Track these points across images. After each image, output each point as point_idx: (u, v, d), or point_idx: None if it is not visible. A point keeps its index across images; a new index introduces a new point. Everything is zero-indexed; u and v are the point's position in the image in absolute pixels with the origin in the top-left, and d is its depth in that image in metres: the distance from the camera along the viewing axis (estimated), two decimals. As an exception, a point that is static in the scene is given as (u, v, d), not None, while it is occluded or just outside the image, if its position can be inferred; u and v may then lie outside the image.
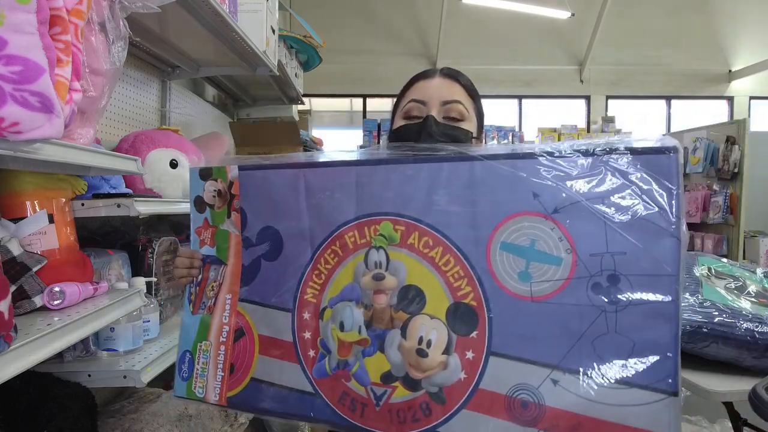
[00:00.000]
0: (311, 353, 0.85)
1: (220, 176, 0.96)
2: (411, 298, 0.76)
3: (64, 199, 1.13)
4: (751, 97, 7.83)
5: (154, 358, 1.29)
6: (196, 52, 2.22)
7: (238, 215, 0.94)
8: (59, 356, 1.19)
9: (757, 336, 1.53)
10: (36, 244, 1.04)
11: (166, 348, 1.38)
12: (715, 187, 3.84)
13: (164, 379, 1.83)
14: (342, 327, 0.82)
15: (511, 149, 0.70)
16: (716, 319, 1.56)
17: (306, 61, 3.39)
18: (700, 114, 7.64)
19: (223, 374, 0.93)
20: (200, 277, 0.98)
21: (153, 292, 1.52)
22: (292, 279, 0.88)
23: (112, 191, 1.31)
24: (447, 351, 0.72)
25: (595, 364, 0.64)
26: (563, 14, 6.53)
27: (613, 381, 0.63)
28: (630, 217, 0.64)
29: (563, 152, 0.66)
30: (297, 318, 0.87)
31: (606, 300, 0.64)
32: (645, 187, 0.64)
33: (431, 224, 0.74)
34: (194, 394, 0.94)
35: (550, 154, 0.67)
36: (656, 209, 0.64)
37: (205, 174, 0.98)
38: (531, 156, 0.68)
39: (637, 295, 0.63)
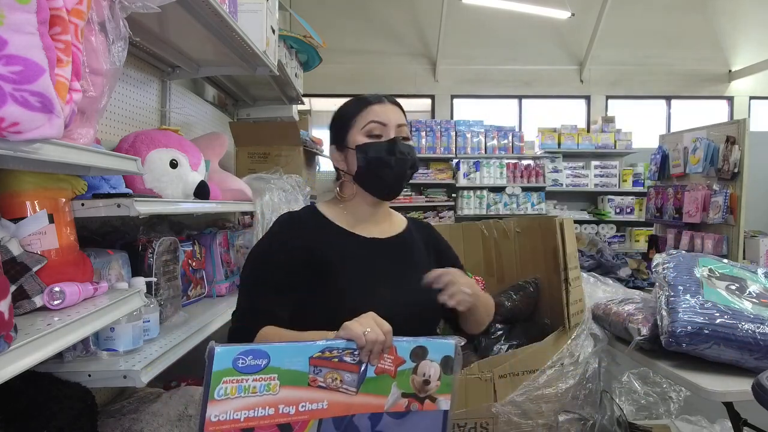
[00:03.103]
0: None
1: (444, 385, 0.98)
2: None
3: (64, 199, 1.13)
4: (751, 97, 7.82)
5: (154, 358, 1.29)
6: (196, 52, 2.22)
7: (402, 410, 0.96)
8: (59, 356, 1.19)
9: (759, 337, 1.53)
10: (36, 244, 1.04)
11: (166, 348, 1.38)
12: (715, 187, 3.83)
13: (164, 379, 1.83)
14: None
15: None
16: (717, 321, 1.56)
17: (306, 61, 3.39)
18: (700, 114, 7.63)
19: (239, 420, 0.85)
20: (347, 358, 0.92)
21: (153, 292, 1.52)
22: None
23: (112, 191, 1.31)
24: None
25: None
26: (563, 14, 6.53)
27: None
28: None
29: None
30: None
31: None
32: None
33: None
34: (218, 383, 0.84)
35: None
36: None
37: (446, 364, 0.99)
38: None
39: None
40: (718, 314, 1.57)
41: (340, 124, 1.28)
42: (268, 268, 1.19)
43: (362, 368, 0.92)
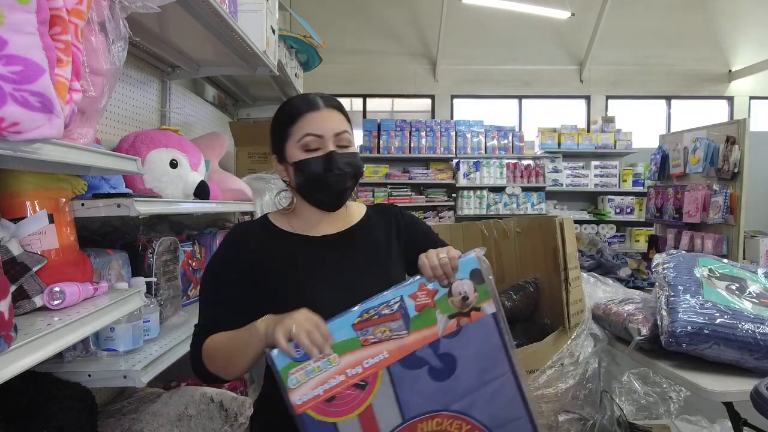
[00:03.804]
0: None
1: (482, 294, 1.05)
2: None
3: (64, 199, 1.13)
4: (751, 97, 7.81)
5: (154, 358, 1.29)
6: (196, 52, 2.22)
7: (454, 329, 1.03)
8: (59, 356, 1.19)
9: (759, 337, 1.53)
10: (36, 244, 1.04)
11: (166, 348, 1.38)
12: (715, 187, 3.83)
13: (164, 379, 1.83)
14: None
15: None
16: (717, 321, 1.56)
17: (306, 61, 3.39)
18: (700, 114, 7.63)
19: (320, 395, 0.96)
20: (386, 311, 1.01)
21: (153, 292, 1.52)
22: (424, 404, 1.02)
23: (112, 191, 1.31)
24: None
25: None
26: (563, 14, 6.52)
27: None
28: None
29: None
30: (402, 428, 1.01)
31: None
32: None
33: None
34: (288, 377, 0.95)
35: None
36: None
37: (476, 276, 1.05)
38: None
39: None
40: (718, 314, 1.57)
41: (277, 134, 1.22)
42: (217, 284, 1.18)
43: (403, 312, 1.01)
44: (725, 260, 1.93)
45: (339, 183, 1.18)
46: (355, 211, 1.32)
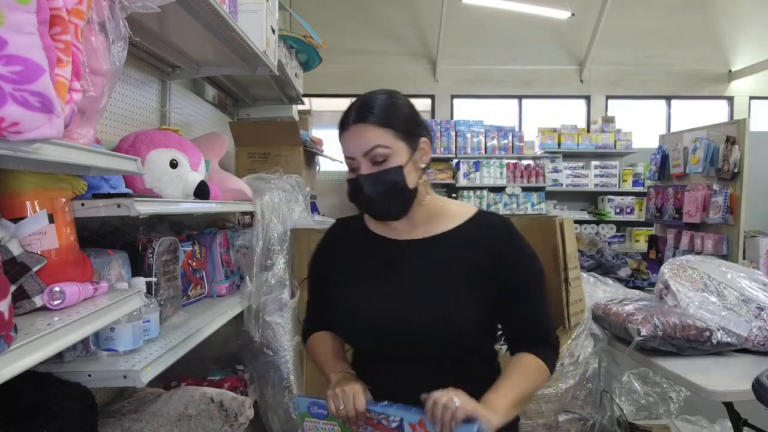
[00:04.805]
0: None
1: None
2: None
3: (64, 199, 1.12)
4: (751, 97, 7.80)
5: (154, 358, 1.29)
6: (196, 52, 2.22)
7: None
8: (59, 356, 1.19)
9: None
10: (36, 244, 1.04)
11: (166, 348, 1.38)
12: (715, 187, 3.83)
13: (164, 379, 1.83)
14: None
15: None
16: None
17: (306, 61, 3.39)
18: (700, 114, 7.62)
19: None
20: (384, 422, 1.05)
21: (153, 292, 1.52)
22: None
23: (112, 191, 1.31)
24: None
25: None
26: (563, 14, 6.52)
27: None
28: None
29: None
30: None
31: None
32: None
33: None
34: (303, 420, 1.13)
35: None
36: None
37: None
38: None
39: None
40: None
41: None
42: (312, 275, 1.35)
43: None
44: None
45: (371, 206, 1.16)
46: (455, 214, 1.22)
